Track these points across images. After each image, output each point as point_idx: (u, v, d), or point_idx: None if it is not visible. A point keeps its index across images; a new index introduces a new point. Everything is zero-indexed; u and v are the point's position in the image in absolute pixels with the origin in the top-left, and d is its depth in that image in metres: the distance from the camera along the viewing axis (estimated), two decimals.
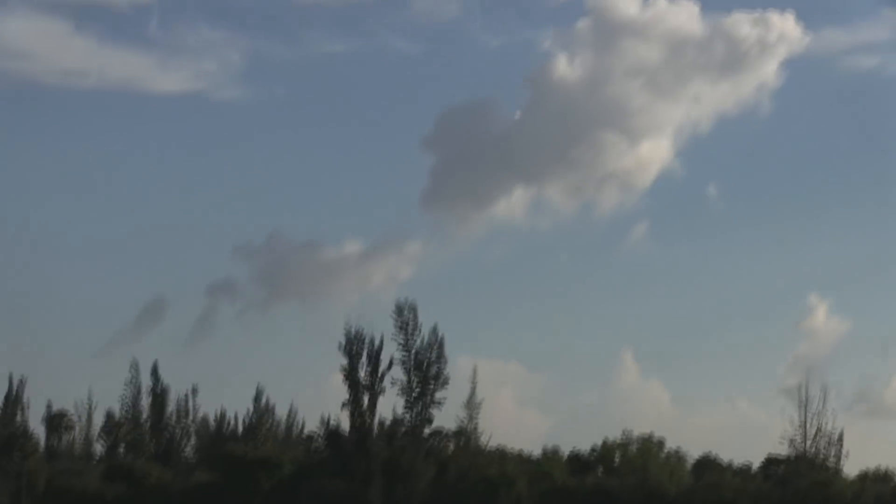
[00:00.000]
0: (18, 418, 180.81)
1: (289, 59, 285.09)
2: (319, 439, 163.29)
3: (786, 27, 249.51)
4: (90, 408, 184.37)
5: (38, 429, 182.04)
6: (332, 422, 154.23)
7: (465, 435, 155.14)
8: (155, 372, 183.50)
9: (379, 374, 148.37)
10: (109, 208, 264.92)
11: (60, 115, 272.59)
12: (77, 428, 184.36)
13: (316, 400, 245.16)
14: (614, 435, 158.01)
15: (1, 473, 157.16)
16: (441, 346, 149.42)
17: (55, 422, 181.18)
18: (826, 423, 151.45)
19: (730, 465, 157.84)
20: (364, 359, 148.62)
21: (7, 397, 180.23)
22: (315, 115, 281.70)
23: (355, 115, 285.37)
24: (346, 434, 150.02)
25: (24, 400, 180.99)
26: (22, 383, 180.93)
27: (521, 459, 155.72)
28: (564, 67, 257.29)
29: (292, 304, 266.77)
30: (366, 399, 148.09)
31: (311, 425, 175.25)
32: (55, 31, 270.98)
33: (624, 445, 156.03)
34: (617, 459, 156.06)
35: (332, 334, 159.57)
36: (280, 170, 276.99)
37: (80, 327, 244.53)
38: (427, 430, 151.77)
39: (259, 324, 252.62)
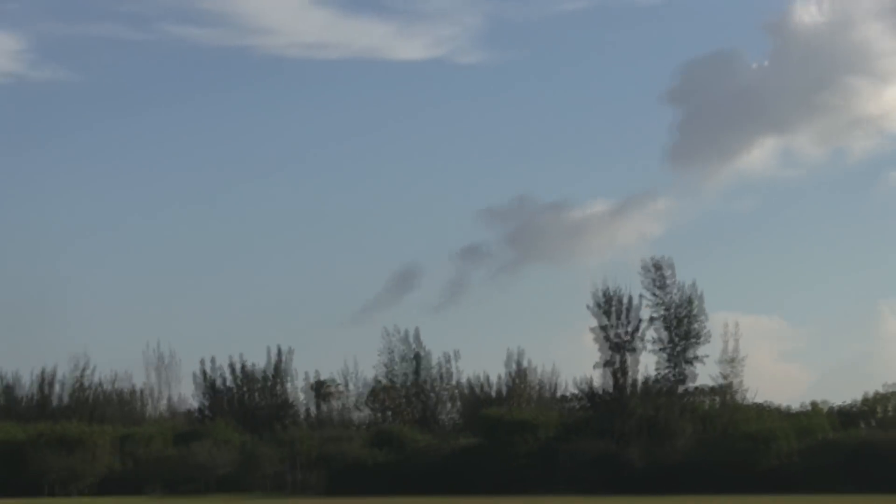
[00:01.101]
0: (284, 388, 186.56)
1: (528, 20, 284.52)
2: (577, 400, 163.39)
3: None
4: (353, 375, 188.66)
5: (303, 398, 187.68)
6: (588, 382, 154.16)
7: (725, 391, 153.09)
8: (413, 338, 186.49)
9: (634, 333, 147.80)
10: (357, 176, 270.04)
11: (305, 87, 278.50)
12: (341, 395, 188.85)
13: (572, 360, 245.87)
14: (877, 388, 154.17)
15: (271, 441, 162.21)
16: (700, 301, 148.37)
17: (320, 390, 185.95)
18: None
19: None
20: (618, 317, 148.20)
21: (275, 368, 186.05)
22: (559, 75, 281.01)
23: (596, 73, 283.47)
24: (604, 394, 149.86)
25: (290, 370, 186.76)
26: (288, 354, 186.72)
27: (784, 415, 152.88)
28: (806, 13, 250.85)
29: (542, 265, 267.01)
30: (622, 358, 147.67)
31: (569, 386, 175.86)
32: (293, 6, 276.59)
33: (886, 398, 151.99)
34: (879, 413, 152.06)
35: (584, 294, 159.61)
36: (524, 132, 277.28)
37: (337, 297, 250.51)
38: (686, 388, 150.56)
39: (510, 286, 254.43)
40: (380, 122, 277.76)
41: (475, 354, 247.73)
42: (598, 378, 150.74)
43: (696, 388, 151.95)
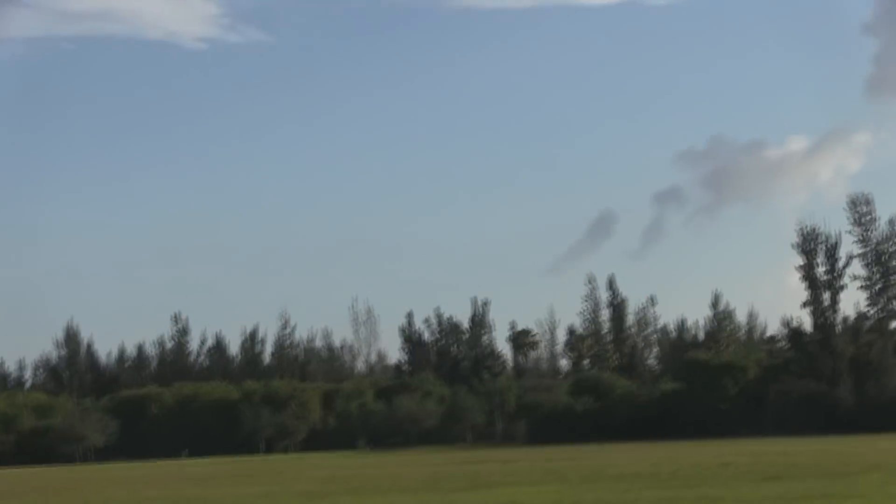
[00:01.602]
0: (485, 339, 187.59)
1: None
2: (782, 340, 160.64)
3: None
4: (552, 324, 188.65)
5: (504, 348, 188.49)
6: (793, 322, 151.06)
7: None
8: (612, 284, 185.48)
9: (838, 271, 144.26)
10: (552, 125, 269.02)
11: (497, 37, 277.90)
12: (541, 345, 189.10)
13: (774, 301, 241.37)
14: None
15: (473, 393, 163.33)
16: None
17: (519, 340, 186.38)
18: None
19: None
20: (821, 256, 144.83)
21: (473, 319, 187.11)
22: (749, 10, 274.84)
23: (788, 8, 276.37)
24: (809, 333, 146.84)
25: (490, 321, 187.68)
26: (487, 305, 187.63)
27: None
28: None
29: (740, 206, 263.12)
30: (826, 296, 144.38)
31: (773, 327, 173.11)
32: None
33: None
34: None
35: (784, 234, 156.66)
36: (718, 72, 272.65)
37: (535, 246, 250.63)
38: (894, 324, 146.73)
39: (708, 228, 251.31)
40: (574, 69, 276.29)
41: (675, 299, 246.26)
42: (803, 318, 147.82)
43: None
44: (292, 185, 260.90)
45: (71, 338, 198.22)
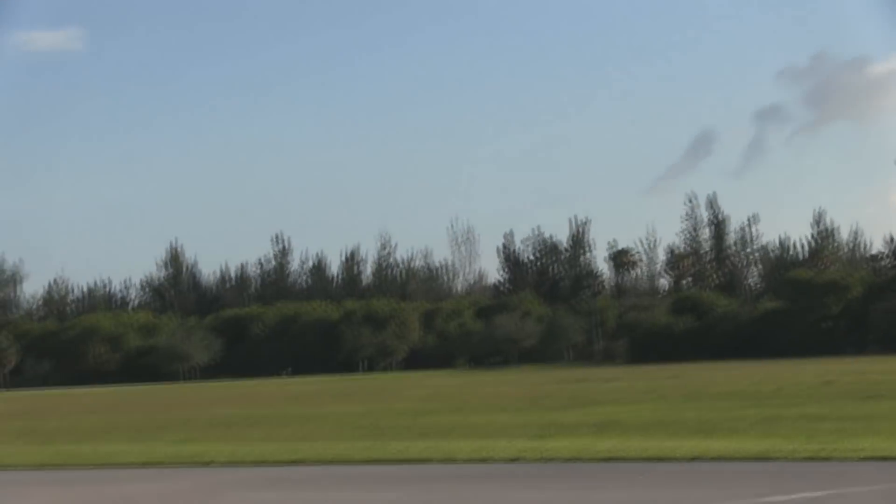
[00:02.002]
0: (585, 259, 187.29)
1: None
2: (886, 258, 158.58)
3: None
4: (651, 243, 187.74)
5: (603, 267, 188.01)
6: None
7: None
8: (712, 204, 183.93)
9: None
10: (651, 43, 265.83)
11: None
12: (641, 264, 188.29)
13: (878, 218, 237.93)
14: None
15: (573, 312, 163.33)
16: None
17: (619, 259, 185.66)
18: None
19: None
20: None
21: (573, 239, 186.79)
22: None
23: None
24: None
25: (589, 240, 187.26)
26: (587, 224, 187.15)
27: None
28: None
29: (842, 124, 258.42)
30: None
31: (877, 245, 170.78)
32: None
33: None
34: None
35: (888, 150, 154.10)
36: None
37: (635, 165, 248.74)
38: None
39: (810, 146, 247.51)
40: None
41: (776, 217, 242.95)
42: None
43: None
44: (394, 105, 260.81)
45: (175, 258, 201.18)
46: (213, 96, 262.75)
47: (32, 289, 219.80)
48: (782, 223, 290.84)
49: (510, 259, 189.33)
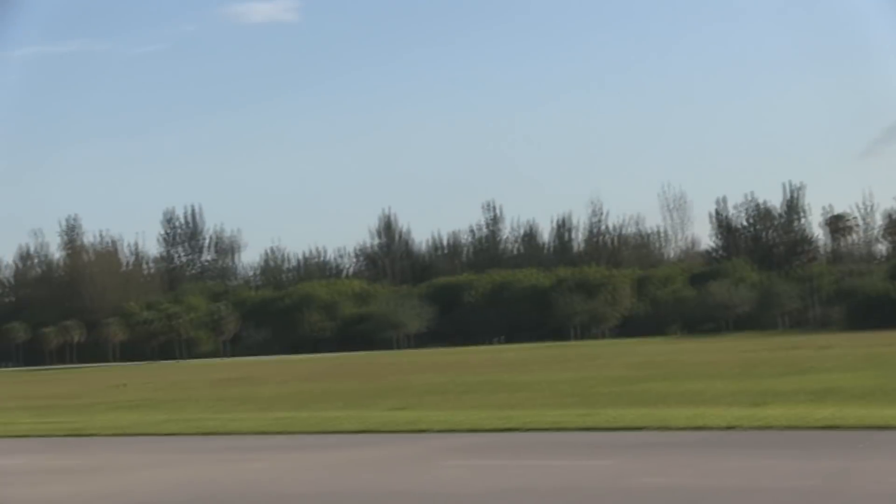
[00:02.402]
0: (799, 224, 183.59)
1: None
2: None
3: None
4: (869, 208, 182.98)
5: (818, 233, 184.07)
6: None
7: None
8: None
9: None
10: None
11: None
12: (857, 229, 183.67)
13: None
14: None
15: (788, 278, 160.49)
16: None
17: (835, 225, 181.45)
18: None
19: None
20: None
21: (787, 204, 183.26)
22: None
23: None
24: None
25: (804, 206, 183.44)
26: (801, 189, 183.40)
27: None
28: None
29: None
30: None
31: None
32: None
33: None
34: None
35: None
36: None
37: (850, 127, 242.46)
38: None
39: None
40: None
41: None
42: None
43: None
44: (605, 69, 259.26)
45: (388, 227, 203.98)
46: (424, 65, 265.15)
47: (250, 258, 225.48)
48: None
49: (723, 225, 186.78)
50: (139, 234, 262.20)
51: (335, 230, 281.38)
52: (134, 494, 19.73)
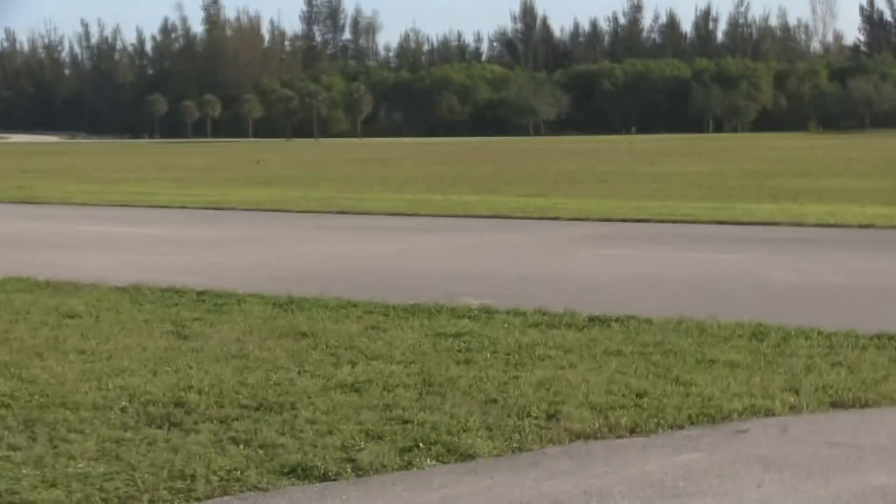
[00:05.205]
0: None
1: None
2: None
3: None
4: None
5: None
6: None
7: None
8: None
9: None
10: None
11: None
12: None
13: None
14: None
15: None
16: None
17: None
18: None
19: None
20: None
21: None
22: None
23: None
24: None
25: None
26: None
27: None
28: None
29: None
30: None
31: None
32: None
33: None
34: None
35: None
36: None
37: None
38: None
39: None
40: None
41: None
42: None
43: None
44: None
45: (527, 11, 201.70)
46: None
47: (387, 39, 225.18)
48: None
49: (871, 19, 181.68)
50: (279, 10, 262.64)
51: (473, 14, 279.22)
52: (274, 267, 20.26)
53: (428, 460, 8.32)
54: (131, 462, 8.20)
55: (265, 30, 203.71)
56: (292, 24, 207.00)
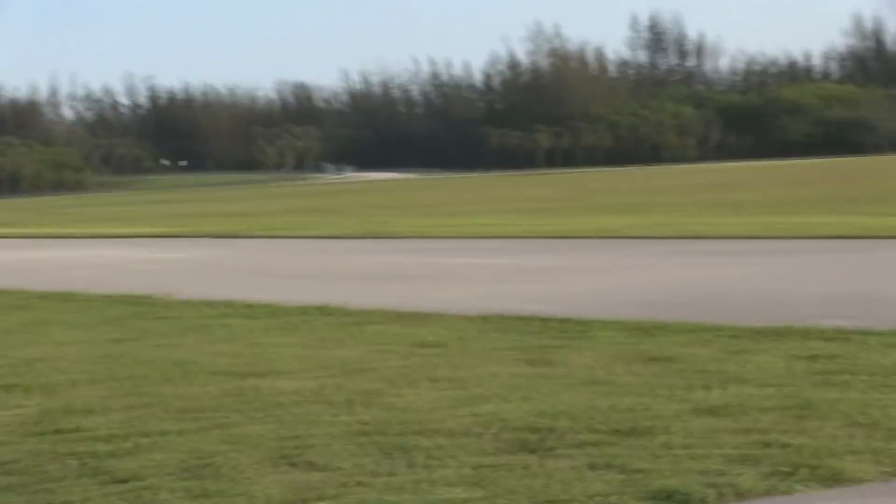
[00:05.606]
0: None
1: None
2: None
3: None
4: None
5: None
6: None
7: None
8: None
9: None
10: None
11: None
12: None
13: None
14: None
15: None
16: None
17: None
18: None
19: None
20: None
21: None
22: None
23: None
24: None
25: None
26: None
27: None
28: None
29: None
30: None
31: None
32: None
33: None
34: None
35: None
36: None
37: None
38: None
39: None
40: None
41: None
42: None
43: None
44: None
45: (867, 26, 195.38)
46: None
47: (724, 64, 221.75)
48: None
49: None
50: (604, 36, 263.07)
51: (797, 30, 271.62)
52: (622, 294, 20.09)
53: (805, 485, 7.89)
54: (494, 488, 8.07)
55: (592, 57, 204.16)
56: (616, 50, 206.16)
